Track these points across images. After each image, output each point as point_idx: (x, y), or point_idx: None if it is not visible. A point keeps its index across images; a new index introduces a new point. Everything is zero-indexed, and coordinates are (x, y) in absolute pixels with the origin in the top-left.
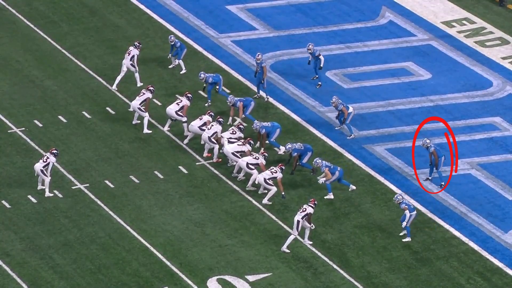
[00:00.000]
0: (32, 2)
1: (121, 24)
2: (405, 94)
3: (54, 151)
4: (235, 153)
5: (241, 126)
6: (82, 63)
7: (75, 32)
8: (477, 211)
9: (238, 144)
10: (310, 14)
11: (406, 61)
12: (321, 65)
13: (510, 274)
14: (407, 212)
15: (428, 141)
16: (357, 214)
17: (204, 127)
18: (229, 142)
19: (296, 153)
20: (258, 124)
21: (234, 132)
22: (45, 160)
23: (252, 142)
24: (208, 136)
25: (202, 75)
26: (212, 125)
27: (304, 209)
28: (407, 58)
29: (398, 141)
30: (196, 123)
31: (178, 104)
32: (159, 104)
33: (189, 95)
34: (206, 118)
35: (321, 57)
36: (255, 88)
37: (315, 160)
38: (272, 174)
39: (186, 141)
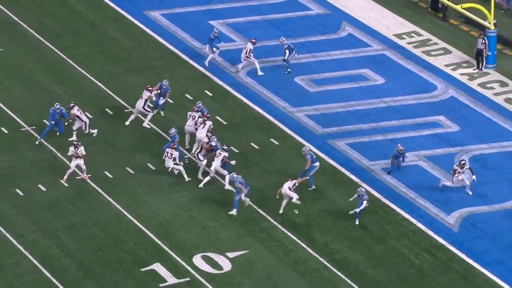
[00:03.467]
0: (41, 18)
1: (118, 37)
2: (363, 97)
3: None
4: (221, 167)
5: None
6: (84, 70)
7: (78, 44)
8: (424, 197)
9: (217, 157)
10: (281, 28)
11: (363, 68)
12: (287, 56)
13: (452, 250)
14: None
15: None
16: (322, 200)
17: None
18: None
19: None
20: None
21: (194, 117)
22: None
23: (227, 148)
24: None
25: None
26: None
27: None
28: (364, 66)
29: (356, 137)
30: (190, 123)
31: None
32: (151, 105)
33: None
34: (195, 114)
35: (287, 50)
36: (235, 93)
37: (304, 147)
38: (292, 182)
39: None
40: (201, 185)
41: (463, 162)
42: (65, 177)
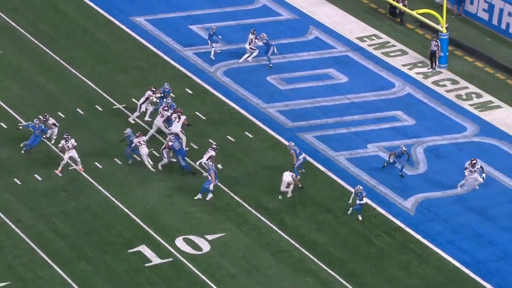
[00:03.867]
0: (37, 23)
1: (106, 40)
2: (328, 94)
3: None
4: (206, 161)
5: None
6: (76, 71)
7: (71, 47)
8: (384, 184)
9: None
10: (259, 31)
11: (329, 68)
12: (271, 53)
13: (408, 231)
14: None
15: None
16: (302, 178)
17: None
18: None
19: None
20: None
21: (165, 108)
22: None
23: (216, 146)
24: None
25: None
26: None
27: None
28: (329, 66)
29: (323, 130)
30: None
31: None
32: (137, 102)
33: (153, 88)
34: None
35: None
36: (213, 91)
37: (289, 143)
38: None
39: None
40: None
41: (474, 161)
42: (59, 168)
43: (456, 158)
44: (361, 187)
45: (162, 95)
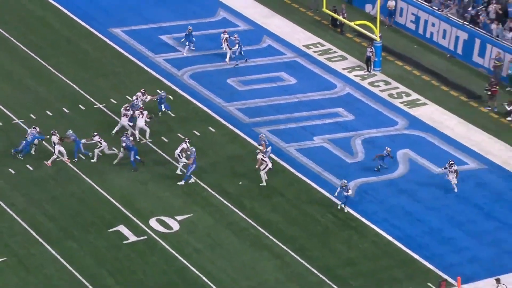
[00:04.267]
0: (27, 34)
1: (88, 49)
2: (280, 93)
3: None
4: (179, 153)
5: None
6: (62, 75)
7: (57, 55)
8: (328, 171)
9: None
10: (216, 40)
11: (280, 72)
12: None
13: (349, 211)
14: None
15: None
16: (250, 174)
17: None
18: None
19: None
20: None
21: (127, 108)
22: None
23: (188, 140)
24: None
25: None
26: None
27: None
28: (280, 70)
29: (275, 125)
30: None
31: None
32: (115, 102)
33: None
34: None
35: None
36: (181, 92)
37: (260, 134)
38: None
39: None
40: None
41: (452, 162)
42: (49, 162)
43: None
44: (345, 181)
45: (158, 100)
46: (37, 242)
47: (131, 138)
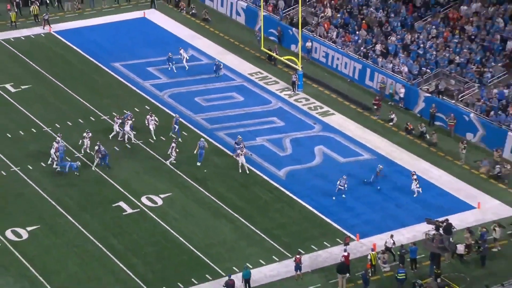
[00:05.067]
0: (52, 68)
1: (96, 78)
2: (232, 107)
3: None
4: (170, 151)
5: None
6: (78, 97)
7: (74, 82)
8: (267, 161)
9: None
10: (188, 70)
11: (232, 92)
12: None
13: (282, 189)
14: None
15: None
16: (212, 164)
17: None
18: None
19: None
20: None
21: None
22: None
23: (175, 140)
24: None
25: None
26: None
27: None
28: (232, 91)
29: (229, 130)
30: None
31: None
32: (115, 114)
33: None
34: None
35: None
36: (162, 107)
37: (238, 136)
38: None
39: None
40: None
41: (412, 173)
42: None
43: (309, 144)
44: (345, 176)
45: (174, 121)
46: (62, 214)
47: (103, 148)
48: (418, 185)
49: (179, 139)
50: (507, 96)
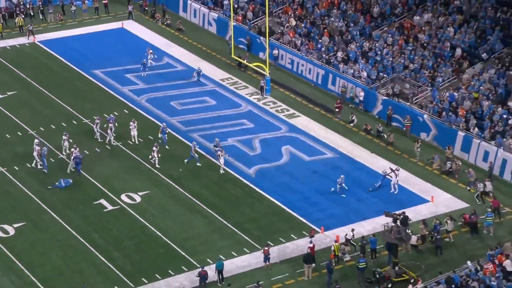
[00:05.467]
0: (37, 76)
1: (78, 84)
2: (205, 111)
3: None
4: (154, 154)
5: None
6: (61, 102)
7: (58, 88)
8: (238, 161)
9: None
10: (166, 76)
11: (205, 97)
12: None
13: (252, 186)
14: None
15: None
16: (187, 164)
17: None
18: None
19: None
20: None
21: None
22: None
23: (157, 145)
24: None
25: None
26: None
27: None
28: (205, 95)
29: (203, 131)
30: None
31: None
32: (95, 117)
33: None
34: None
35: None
36: (140, 111)
37: (216, 139)
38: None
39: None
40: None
41: (397, 168)
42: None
43: (276, 144)
44: (342, 176)
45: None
46: (46, 211)
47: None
48: (397, 182)
49: (166, 147)
50: (457, 99)
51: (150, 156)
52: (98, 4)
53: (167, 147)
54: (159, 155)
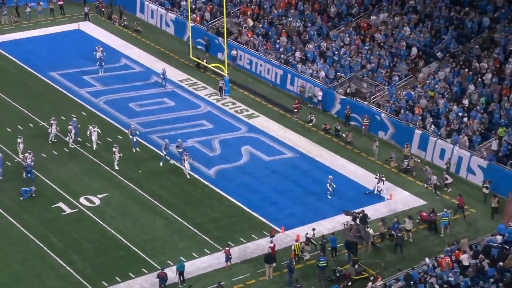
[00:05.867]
0: None
1: (34, 86)
2: (164, 112)
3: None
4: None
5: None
6: (17, 104)
7: (13, 91)
8: (198, 162)
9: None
10: (122, 78)
11: (164, 98)
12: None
13: (212, 187)
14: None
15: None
16: (145, 164)
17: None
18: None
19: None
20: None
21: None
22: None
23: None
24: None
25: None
26: None
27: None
28: (164, 97)
29: (162, 133)
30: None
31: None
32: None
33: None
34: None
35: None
36: (98, 113)
37: (178, 140)
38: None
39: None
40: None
41: (381, 176)
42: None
43: (236, 145)
44: (330, 177)
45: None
46: (3, 215)
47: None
48: (382, 185)
49: (137, 149)
50: (413, 97)
51: (114, 156)
52: (53, 6)
53: (138, 149)
54: (121, 154)
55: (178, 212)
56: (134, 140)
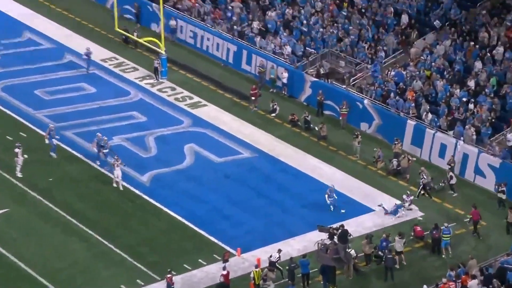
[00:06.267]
0: None
1: None
2: (83, 100)
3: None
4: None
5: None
6: None
7: None
8: (128, 165)
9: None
10: (25, 57)
11: (81, 82)
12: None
13: (145, 197)
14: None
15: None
16: (59, 171)
17: None
18: None
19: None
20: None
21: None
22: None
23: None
24: None
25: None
26: None
27: None
28: (81, 81)
29: (80, 128)
30: None
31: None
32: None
33: None
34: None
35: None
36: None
37: (104, 138)
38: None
39: None
40: None
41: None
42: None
43: (177, 143)
44: (331, 187)
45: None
46: None
47: None
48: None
49: (54, 154)
50: (405, 79)
51: (16, 159)
52: None
53: (55, 155)
54: (25, 156)
55: (101, 230)
56: (54, 143)
